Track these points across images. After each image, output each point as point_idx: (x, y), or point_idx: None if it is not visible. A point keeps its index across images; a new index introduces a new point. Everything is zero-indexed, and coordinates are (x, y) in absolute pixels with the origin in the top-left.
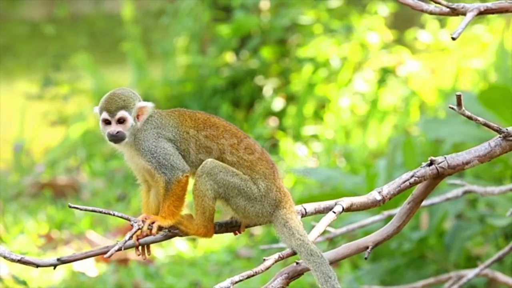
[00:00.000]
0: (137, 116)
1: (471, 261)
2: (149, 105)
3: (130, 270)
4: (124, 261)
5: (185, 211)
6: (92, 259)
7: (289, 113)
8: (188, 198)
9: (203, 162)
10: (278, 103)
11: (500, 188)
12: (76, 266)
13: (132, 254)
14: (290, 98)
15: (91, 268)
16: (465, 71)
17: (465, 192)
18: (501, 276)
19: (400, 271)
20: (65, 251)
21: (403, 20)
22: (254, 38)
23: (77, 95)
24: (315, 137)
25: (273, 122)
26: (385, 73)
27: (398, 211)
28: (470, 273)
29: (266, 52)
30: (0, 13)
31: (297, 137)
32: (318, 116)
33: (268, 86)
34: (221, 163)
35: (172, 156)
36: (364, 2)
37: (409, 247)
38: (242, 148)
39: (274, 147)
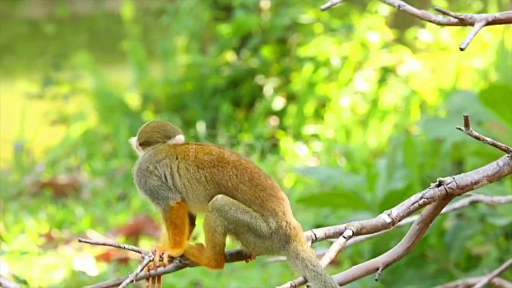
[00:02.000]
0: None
1: (471, 261)
2: (133, 141)
3: (130, 269)
4: (124, 261)
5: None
6: (92, 258)
7: (290, 112)
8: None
9: (214, 198)
10: (278, 102)
11: (507, 198)
12: (77, 265)
13: (132, 254)
14: (291, 98)
15: (92, 267)
16: (466, 70)
17: (472, 202)
18: (509, 285)
19: (400, 270)
20: (66, 251)
21: (404, 19)
22: (254, 37)
23: (78, 94)
24: (315, 136)
25: (273, 121)
26: (386, 72)
27: (407, 232)
28: (478, 283)
29: (267, 51)
30: (0, 13)
31: (298, 136)
32: (318, 115)
33: (269, 85)
34: (231, 199)
35: (159, 189)
36: (364, 1)
37: None
38: (254, 184)
39: (274, 146)
